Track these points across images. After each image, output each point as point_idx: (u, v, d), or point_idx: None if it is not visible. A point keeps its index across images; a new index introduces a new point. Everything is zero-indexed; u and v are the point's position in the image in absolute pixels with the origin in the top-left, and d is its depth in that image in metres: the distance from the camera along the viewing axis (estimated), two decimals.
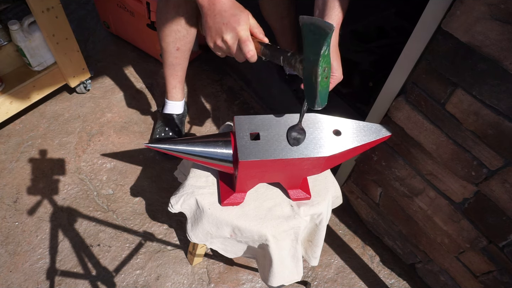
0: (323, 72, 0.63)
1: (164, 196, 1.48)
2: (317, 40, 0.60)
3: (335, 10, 0.78)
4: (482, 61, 0.77)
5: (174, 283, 1.29)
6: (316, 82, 0.63)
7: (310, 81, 0.65)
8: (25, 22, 1.36)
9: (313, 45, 0.61)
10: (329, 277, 1.35)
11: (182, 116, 1.61)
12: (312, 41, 0.61)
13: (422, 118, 0.96)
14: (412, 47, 0.90)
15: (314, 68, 0.62)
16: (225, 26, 0.71)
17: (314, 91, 0.65)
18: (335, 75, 0.79)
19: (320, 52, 0.60)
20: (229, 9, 0.71)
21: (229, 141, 0.77)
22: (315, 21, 0.59)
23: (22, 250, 1.32)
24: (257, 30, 0.74)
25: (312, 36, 0.61)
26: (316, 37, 0.60)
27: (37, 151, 1.56)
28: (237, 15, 0.71)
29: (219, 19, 0.71)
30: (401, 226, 1.27)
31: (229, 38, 0.72)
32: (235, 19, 0.70)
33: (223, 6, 0.72)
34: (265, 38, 0.74)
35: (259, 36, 0.74)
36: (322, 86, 0.64)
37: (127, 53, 1.96)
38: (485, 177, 0.90)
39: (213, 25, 0.72)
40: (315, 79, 0.63)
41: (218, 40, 0.73)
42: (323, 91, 0.65)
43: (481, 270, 1.07)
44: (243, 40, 0.71)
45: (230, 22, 0.71)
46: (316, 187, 0.90)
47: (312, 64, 0.62)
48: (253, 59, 0.73)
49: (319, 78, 0.63)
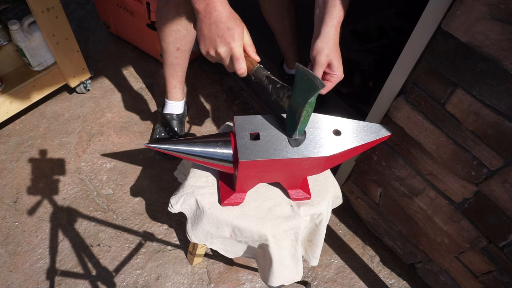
0: (306, 113, 0.70)
1: (164, 196, 1.48)
2: (308, 90, 0.65)
3: (336, 8, 0.78)
4: (482, 61, 0.77)
5: (174, 283, 1.29)
6: (298, 120, 0.70)
7: (294, 117, 0.72)
8: (25, 22, 1.36)
9: (303, 92, 0.67)
10: (329, 277, 1.35)
11: (182, 116, 1.61)
12: (302, 89, 0.67)
13: (422, 118, 0.96)
14: (412, 47, 0.90)
15: (300, 109, 0.68)
16: (219, 38, 0.70)
17: (295, 125, 0.72)
18: (336, 74, 0.79)
19: (308, 100, 0.66)
20: (225, 21, 0.70)
21: (229, 141, 0.77)
22: (308, 75, 0.64)
23: (22, 250, 1.32)
24: (250, 49, 0.74)
25: (303, 84, 0.66)
26: (307, 87, 0.65)
27: (37, 151, 1.56)
28: (232, 29, 0.70)
29: (214, 30, 0.70)
30: (401, 226, 1.27)
31: (223, 51, 0.71)
32: (230, 33, 0.70)
33: (219, 16, 0.70)
34: (257, 57, 0.75)
35: (251, 54, 0.74)
36: (303, 123, 0.72)
37: (127, 53, 1.96)
38: (485, 177, 0.90)
39: (207, 34, 0.71)
40: (298, 117, 0.70)
41: (212, 51, 0.73)
42: (302, 126, 0.73)
43: (481, 270, 1.07)
44: (236, 57, 0.71)
45: (224, 36, 0.70)
46: (316, 187, 0.90)
47: (299, 105, 0.69)
48: (243, 76, 0.74)
49: (301, 118, 0.69)
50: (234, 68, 0.73)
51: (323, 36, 0.78)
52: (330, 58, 0.78)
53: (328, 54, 0.77)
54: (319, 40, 0.78)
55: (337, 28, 0.79)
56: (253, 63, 0.74)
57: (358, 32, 2.04)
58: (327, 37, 0.78)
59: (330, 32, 0.78)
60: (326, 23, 0.78)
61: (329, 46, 0.77)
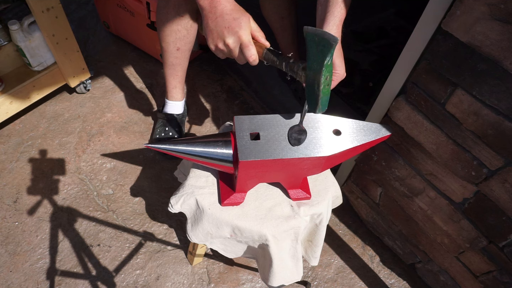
0: (325, 81, 0.66)
1: (164, 196, 1.48)
2: (321, 51, 0.62)
3: (338, 7, 0.78)
4: (482, 61, 0.77)
5: (174, 283, 1.29)
6: (318, 89, 0.66)
7: (313, 88, 0.68)
8: (25, 22, 1.36)
9: (317, 55, 0.63)
10: (329, 277, 1.35)
11: (182, 116, 1.61)
12: (316, 52, 0.63)
13: (422, 118, 0.96)
14: (412, 47, 0.90)
15: (317, 76, 0.65)
16: (227, 29, 0.71)
17: (316, 98, 0.68)
18: (338, 73, 0.79)
19: (324, 63, 0.62)
20: (230, 12, 0.71)
21: (229, 141, 0.77)
22: (319, 33, 0.61)
23: (22, 250, 1.32)
24: (258, 34, 0.74)
25: (315, 46, 0.63)
26: (319, 48, 0.62)
27: (37, 151, 1.56)
28: (238, 19, 0.70)
29: (221, 22, 0.71)
30: (401, 226, 1.27)
31: (231, 42, 0.71)
32: (236, 23, 0.70)
33: (224, 9, 0.71)
34: (267, 42, 0.74)
35: (260, 40, 0.74)
36: (324, 93, 0.68)
37: (127, 53, 1.96)
38: (485, 177, 0.90)
39: (214, 28, 0.72)
40: (317, 87, 0.66)
41: (220, 44, 0.73)
42: (324, 98, 0.69)
43: (481, 270, 1.07)
44: (245, 45, 0.71)
45: (231, 26, 0.70)
46: (316, 187, 0.90)
47: (315, 72, 0.65)
48: (255, 63, 0.74)
49: (321, 86, 0.65)
50: (245, 56, 0.73)
51: None
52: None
53: None
54: None
55: (339, 27, 0.78)
56: (262, 48, 0.73)
57: (358, 32, 2.04)
58: None
59: (332, 30, 0.77)
60: (328, 22, 0.78)
61: None
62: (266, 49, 0.73)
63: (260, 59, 0.74)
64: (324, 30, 0.62)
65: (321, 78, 0.64)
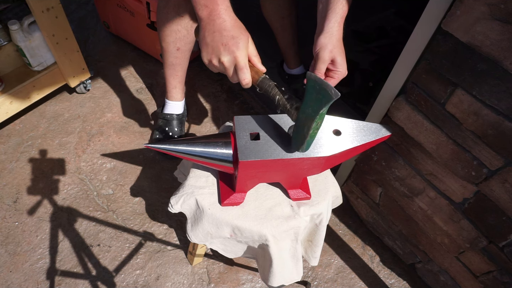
0: (316, 126, 0.66)
1: (164, 196, 1.48)
2: (319, 100, 0.62)
3: (339, 4, 0.77)
4: (482, 61, 0.77)
5: (174, 283, 1.29)
6: (307, 133, 0.66)
7: (302, 129, 0.68)
8: (25, 22, 1.36)
9: (314, 102, 0.63)
10: (329, 277, 1.35)
11: (182, 116, 1.61)
12: (314, 99, 0.63)
13: (422, 118, 0.96)
14: (412, 47, 0.90)
15: (309, 121, 0.65)
16: (223, 47, 0.67)
17: (303, 139, 0.69)
18: (340, 71, 0.78)
19: (319, 111, 0.62)
20: (230, 29, 0.67)
21: (229, 141, 0.77)
22: (322, 82, 0.61)
23: (22, 250, 1.32)
24: (255, 59, 0.71)
25: (315, 94, 0.63)
26: (319, 96, 0.62)
27: (37, 151, 1.56)
28: (237, 38, 0.66)
29: (218, 38, 0.67)
30: (401, 226, 1.27)
31: (226, 60, 0.67)
32: (234, 42, 0.66)
33: (223, 24, 0.67)
34: (263, 67, 0.72)
35: (257, 64, 0.71)
36: (311, 136, 0.68)
37: (127, 53, 1.96)
38: (485, 177, 0.90)
39: (210, 43, 0.68)
40: (307, 130, 0.66)
41: (215, 60, 0.69)
42: (310, 140, 0.70)
43: (481, 270, 1.07)
44: (240, 67, 0.67)
45: (229, 45, 0.66)
46: (316, 187, 0.90)
47: (308, 117, 0.65)
48: (247, 87, 0.71)
49: (310, 131, 0.66)
50: (238, 78, 0.70)
51: (326, 32, 0.77)
52: (333, 55, 0.77)
53: (332, 50, 0.76)
54: (322, 36, 0.77)
55: (340, 24, 0.77)
56: (258, 73, 0.71)
57: (358, 32, 2.04)
58: (330, 33, 0.77)
59: (333, 28, 0.77)
60: (329, 19, 0.77)
61: (333, 42, 0.76)
62: (262, 76, 0.71)
63: (253, 84, 0.72)
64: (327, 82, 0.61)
65: (313, 124, 0.64)
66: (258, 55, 0.72)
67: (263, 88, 0.71)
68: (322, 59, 0.77)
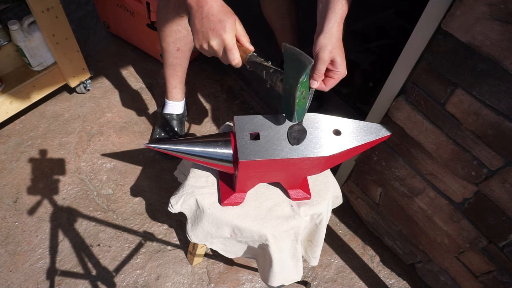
0: (300, 95, 0.68)
1: (164, 196, 1.48)
2: (297, 69, 0.65)
3: (339, 4, 0.77)
4: (482, 61, 0.77)
5: (174, 283, 1.29)
6: (293, 102, 0.69)
7: (288, 100, 0.71)
8: (25, 22, 1.36)
9: (294, 72, 0.66)
10: (329, 277, 1.35)
11: (182, 116, 1.61)
12: (292, 68, 0.66)
13: (422, 118, 0.96)
14: (412, 47, 0.90)
15: (293, 91, 0.68)
16: (211, 31, 0.71)
17: (292, 109, 0.71)
18: (339, 71, 0.78)
19: (299, 80, 0.65)
20: (216, 14, 0.71)
21: (229, 141, 0.77)
22: (296, 52, 0.64)
23: (22, 250, 1.32)
24: (243, 38, 0.74)
25: (292, 64, 0.66)
26: (296, 65, 0.65)
27: (37, 151, 1.56)
28: (223, 21, 0.70)
29: (206, 23, 0.71)
30: (401, 226, 1.27)
31: (215, 44, 0.72)
32: (221, 26, 0.70)
33: (211, 9, 0.71)
34: (251, 46, 0.75)
35: (245, 44, 0.74)
36: (299, 105, 0.71)
37: (127, 53, 1.96)
38: (485, 177, 0.90)
39: (200, 29, 0.72)
40: (293, 100, 0.69)
41: (205, 44, 0.74)
42: (299, 109, 0.72)
43: (481, 270, 1.07)
44: (229, 48, 0.72)
45: (216, 28, 0.70)
46: (316, 187, 0.90)
47: (291, 87, 0.68)
48: (238, 66, 0.75)
49: (296, 100, 0.68)
50: (228, 59, 0.73)
51: (326, 32, 0.77)
52: (333, 55, 0.77)
53: (331, 50, 0.76)
54: (322, 36, 0.77)
55: (340, 24, 0.77)
56: (246, 52, 0.74)
57: (358, 32, 2.04)
58: (330, 33, 0.77)
59: (333, 28, 0.77)
60: (329, 19, 0.77)
61: (332, 43, 0.76)
62: (249, 54, 0.74)
63: (243, 63, 0.75)
64: (301, 51, 0.64)
65: (296, 93, 0.67)
66: (247, 35, 0.75)
67: (251, 65, 0.75)
68: (322, 60, 0.77)
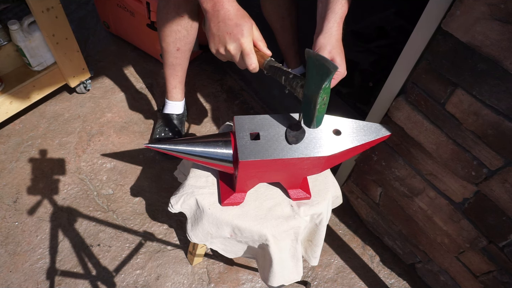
0: (322, 101, 0.67)
1: (164, 196, 1.48)
2: (320, 75, 0.63)
3: (339, 4, 0.77)
4: (482, 61, 0.77)
5: (174, 283, 1.29)
6: (314, 108, 0.68)
7: (309, 106, 0.69)
8: (25, 22, 1.36)
9: (316, 78, 0.64)
10: (329, 277, 1.35)
11: (182, 116, 1.61)
12: (315, 75, 0.64)
13: (422, 118, 0.96)
14: (412, 47, 0.90)
15: (314, 97, 0.66)
16: (228, 35, 0.70)
17: (312, 115, 0.70)
18: (339, 71, 0.79)
19: (322, 86, 0.63)
20: (233, 18, 0.70)
21: (229, 141, 0.77)
22: (320, 58, 0.62)
23: (22, 250, 1.32)
24: (261, 43, 0.74)
25: (315, 70, 0.64)
26: (319, 72, 0.63)
27: (37, 151, 1.56)
28: (241, 25, 0.70)
29: (223, 28, 0.70)
30: (401, 226, 1.27)
31: (232, 48, 0.71)
32: (238, 30, 0.69)
33: (227, 13, 0.70)
34: (268, 51, 0.74)
35: (262, 49, 0.74)
36: (320, 111, 0.69)
37: (127, 53, 1.96)
38: (485, 177, 0.90)
39: (216, 33, 0.71)
40: (314, 106, 0.68)
41: (221, 49, 0.73)
42: (319, 116, 0.71)
43: (481, 270, 1.07)
44: (247, 53, 0.71)
45: (233, 33, 0.69)
46: (316, 187, 0.90)
47: (313, 93, 0.67)
48: (255, 71, 0.74)
49: (317, 106, 0.67)
50: (245, 64, 0.72)
51: (325, 32, 0.77)
52: (332, 55, 0.77)
53: (331, 50, 0.77)
54: (321, 36, 0.77)
55: (339, 24, 0.78)
56: (264, 57, 0.73)
57: (358, 32, 2.04)
58: (329, 33, 0.77)
59: (332, 28, 0.77)
60: (328, 19, 0.77)
61: (332, 43, 0.77)
62: (267, 59, 0.73)
63: (261, 68, 0.74)
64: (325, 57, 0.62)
65: (318, 99, 0.66)
66: (264, 40, 0.74)
67: (269, 70, 0.74)
68: None
